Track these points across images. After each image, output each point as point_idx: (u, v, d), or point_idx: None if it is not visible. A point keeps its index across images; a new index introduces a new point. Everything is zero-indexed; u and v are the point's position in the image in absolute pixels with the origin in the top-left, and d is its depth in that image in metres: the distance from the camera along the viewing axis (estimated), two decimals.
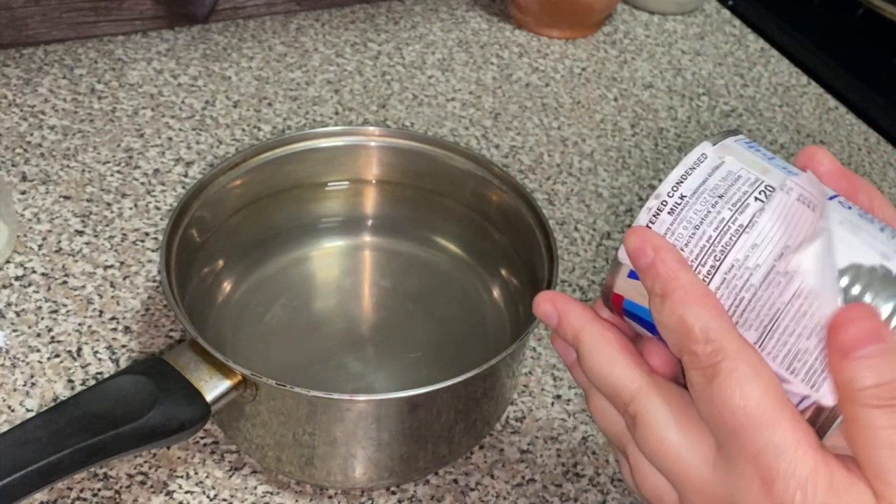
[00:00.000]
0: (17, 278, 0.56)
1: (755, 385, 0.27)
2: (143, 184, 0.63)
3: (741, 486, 0.27)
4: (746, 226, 0.29)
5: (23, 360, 0.51)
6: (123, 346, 0.53)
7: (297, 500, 0.47)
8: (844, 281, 0.27)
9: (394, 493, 0.48)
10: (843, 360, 0.26)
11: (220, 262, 0.54)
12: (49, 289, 0.55)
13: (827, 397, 0.27)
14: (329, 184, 0.57)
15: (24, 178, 0.62)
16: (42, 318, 0.54)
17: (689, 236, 0.29)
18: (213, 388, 0.42)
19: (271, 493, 0.47)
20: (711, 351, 0.28)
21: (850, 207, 0.30)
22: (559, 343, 0.35)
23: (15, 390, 0.50)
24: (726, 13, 0.94)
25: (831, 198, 0.30)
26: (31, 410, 0.49)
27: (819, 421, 0.28)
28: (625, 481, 0.33)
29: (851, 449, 0.27)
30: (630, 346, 0.32)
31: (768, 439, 0.26)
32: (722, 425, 0.28)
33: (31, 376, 0.50)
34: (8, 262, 0.57)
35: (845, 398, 0.26)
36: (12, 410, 0.49)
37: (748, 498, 0.27)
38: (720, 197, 0.30)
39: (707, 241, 0.29)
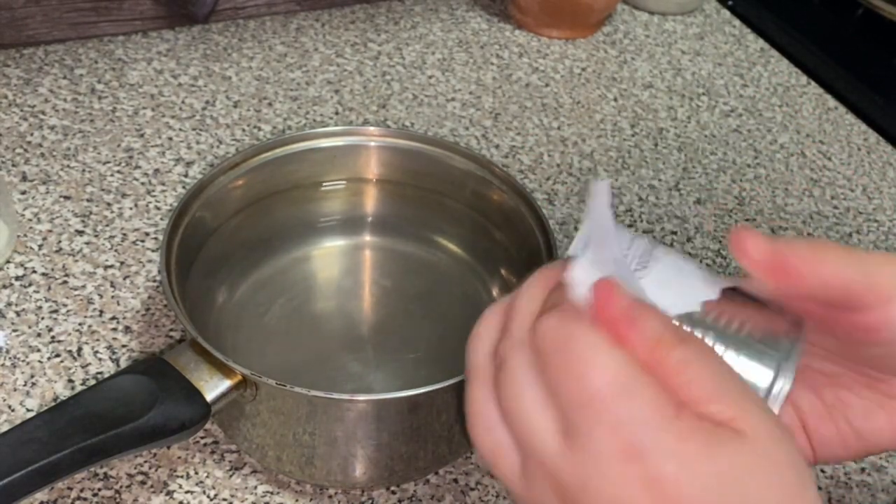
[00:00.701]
0: (17, 278, 0.56)
1: (611, 355, 0.27)
2: (143, 184, 0.63)
3: (597, 463, 0.26)
4: None
5: (23, 360, 0.51)
6: (124, 346, 0.53)
7: (297, 500, 0.47)
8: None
9: (394, 492, 0.48)
10: (630, 327, 0.27)
11: (221, 262, 0.54)
12: (49, 289, 0.55)
13: None
14: (329, 184, 0.57)
15: (24, 178, 0.62)
16: (42, 318, 0.54)
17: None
18: (214, 387, 0.42)
19: (271, 493, 0.47)
20: (569, 317, 0.28)
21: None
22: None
23: (15, 390, 0.50)
24: (726, 13, 0.94)
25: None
26: (32, 410, 0.49)
27: None
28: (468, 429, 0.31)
29: (677, 397, 0.27)
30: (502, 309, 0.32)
31: (627, 410, 0.26)
32: (570, 398, 0.27)
33: (32, 376, 0.51)
34: (8, 261, 0.57)
35: (645, 355, 0.27)
36: (13, 410, 0.49)
37: (608, 474, 0.26)
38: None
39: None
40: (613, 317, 0.27)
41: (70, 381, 0.51)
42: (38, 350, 0.52)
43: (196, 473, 0.47)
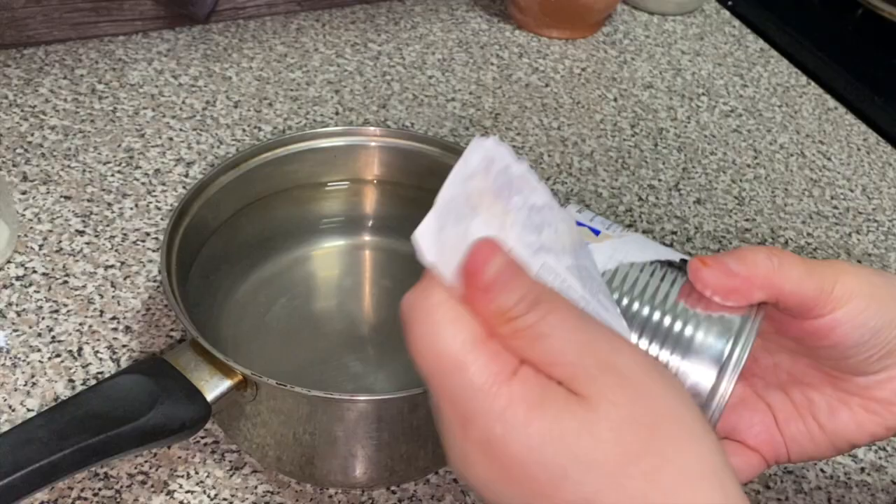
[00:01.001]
0: (17, 278, 0.56)
1: (452, 328, 0.27)
2: (143, 184, 0.63)
3: (446, 430, 0.28)
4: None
5: (24, 360, 0.51)
6: (124, 346, 0.53)
7: (297, 500, 0.47)
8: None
9: (394, 492, 0.48)
10: (485, 294, 0.27)
11: (221, 262, 0.54)
12: (50, 289, 0.55)
13: None
14: (329, 184, 0.57)
15: (24, 178, 0.63)
16: (43, 318, 0.54)
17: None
18: (214, 387, 0.42)
19: (272, 493, 0.47)
20: (423, 290, 0.28)
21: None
22: None
23: (16, 390, 0.50)
24: (726, 13, 0.94)
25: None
26: (32, 410, 0.49)
27: None
28: None
29: (529, 362, 0.27)
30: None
31: (460, 382, 0.27)
32: (424, 373, 0.28)
33: (32, 376, 0.51)
34: (9, 262, 0.57)
35: (499, 323, 0.27)
36: (13, 410, 0.49)
37: (454, 440, 0.28)
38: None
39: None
40: (473, 286, 0.27)
41: (70, 380, 0.51)
42: (39, 350, 0.52)
43: (196, 473, 0.47)
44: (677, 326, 0.33)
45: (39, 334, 0.53)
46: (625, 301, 0.34)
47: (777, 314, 0.36)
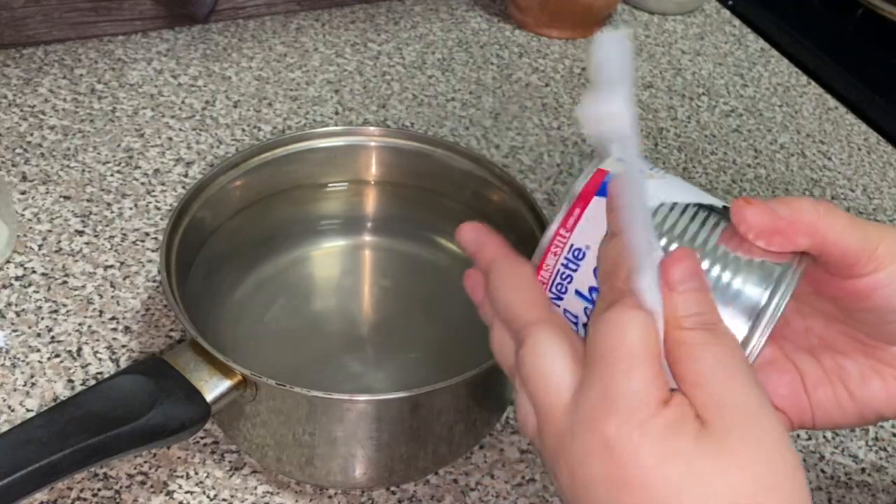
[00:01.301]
0: (17, 278, 0.56)
1: (635, 327, 0.29)
2: (143, 184, 0.63)
3: (583, 410, 0.29)
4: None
5: (23, 360, 0.51)
6: (123, 346, 0.53)
7: (297, 500, 0.47)
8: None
9: (394, 492, 0.48)
10: (670, 292, 0.30)
11: (221, 262, 0.54)
12: (49, 289, 0.55)
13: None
14: (329, 184, 0.57)
15: (24, 178, 0.62)
16: (42, 318, 0.54)
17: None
18: (213, 387, 0.42)
19: (271, 493, 0.47)
20: (621, 288, 0.30)
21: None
22: (470, 280, 0.36)
23: (15, 390, 0.50)
24: (726, 13, 0.94)
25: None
26: (32, 410, 0.49)
27: None
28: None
29: (673, 371, 0.29)
30: (538, 284, 0.34)
31: (622, 377, 0.28)
32: (594, 346, 0.30)
33: (32, 376, 0.51)
34: (8, 262, 0.57)
35: (671, 325, 0.30)
36: (12, 410, 0.49)
37: (587, 423, 0.29)
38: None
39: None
40: (672, 280, 0.30)
41: (70, 381, 0.51)
42: (38, 350, 0.52)
43: (196, 473, 0.47)
44: (715, 271, 0.32)
45: (39, 334, 0.53)
46: (663, 241, 0.33)
47: (816, 273, 0.35)
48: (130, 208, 0.61)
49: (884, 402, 0.37)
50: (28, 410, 0.49)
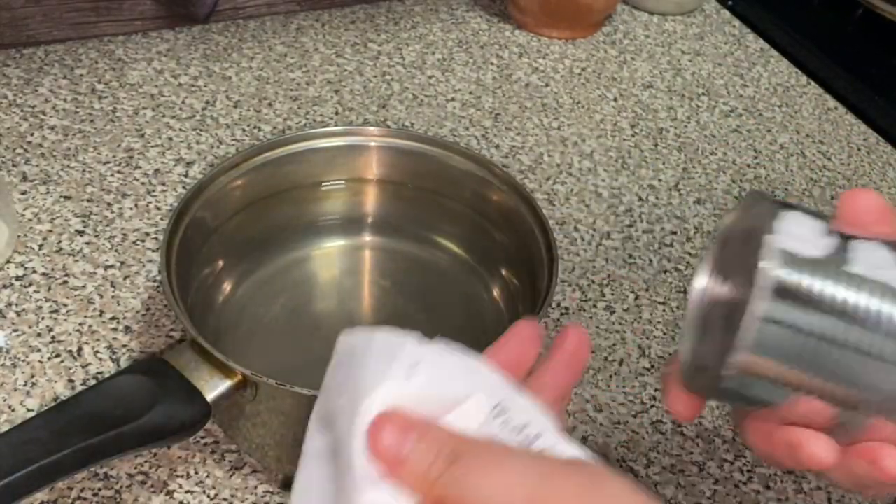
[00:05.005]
0: (17, 278, 0.56)
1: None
2: (143, 184, 0.63)
3: None
4: None
5: (23, 360, 0.51)
6: (124, 346, 0.53)
7: None
8: None
9: None
10: (400, 468, 0.26)
11: (221, 262, 0.54)
12: (49, 289, 0.55)
13: None
14: (329, 184, 0.57)
15: (24, 178, 0.62)
16: (42, 318, 0.54)
17: None
18: (214, 387, 0.42)
19: (271, 493, 0.47)
20: None
21: None
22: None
23: (15, 390, 0.50)
24: (726, 13, 0.94)
25: None
26: (32, 410, 0.49)
27: None
28: None
29: None
30: None
31: None
32: None
33: (32, 376, 0.51)
34: (8, 262, 0.57)
35: (423, 488, 0.26)
36: (13, 410, 0.49)
37: None
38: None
39: None
40: (383, 457, 0.26)
41: (70, 381, 0.51)
42: (39, 350, 0.52)
43: (196, 473, 0.47)
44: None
45: (39, 334, 0.53)
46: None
47: None
48: (131, 208, 0.61)
49: None
50: (28, 410, 0.49)
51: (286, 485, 0.47)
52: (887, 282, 0.28)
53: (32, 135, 0.66)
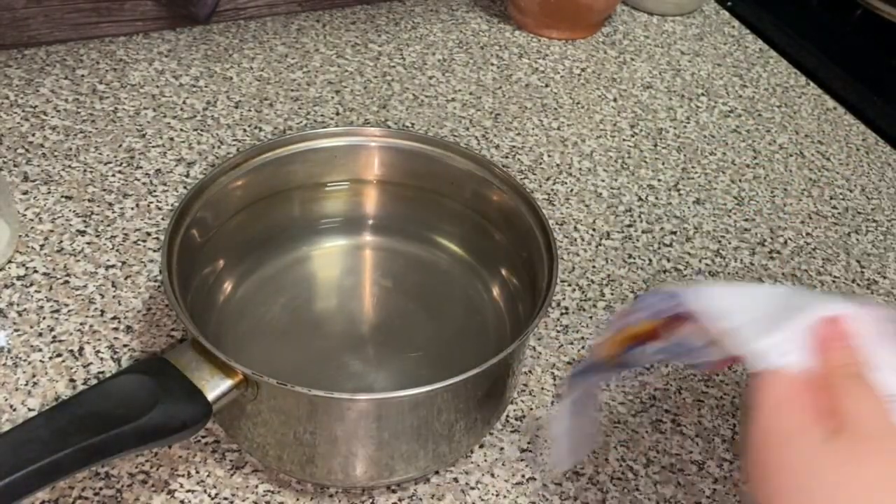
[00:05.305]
0: (18, 278, 0.56)
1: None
2: (144, 184, 0.64)
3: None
4: None
5: (25, 360, 0.51)
6: (125, 346, 0.53)
7: (298, 499, 0.47)
8: None
9: (394, 491, 0.48)
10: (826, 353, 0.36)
11: (222, 262, 0.54)
12: (51, 288, 0.56)
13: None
14: (330, 184, 0.58)
15: (25, 179, 0.63)
16: (44, 318, 0.54)
17: None
18: (215, 387, 0.42)
19: (272, 492, 0.47)
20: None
21: None
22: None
23: (17, 389, 0.50)
24: (725, 14, 0.94)
25: None
26: (33, 410, 0.49)
27: None
28: None
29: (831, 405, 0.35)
30: None
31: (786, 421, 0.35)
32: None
33: (33, 376, 0.51)
34: (10, 261, 0.57)
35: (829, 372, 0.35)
36: (14, 410, 0.49)
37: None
38: None
39: None
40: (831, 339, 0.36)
41: (71, 380, 0.51)
42: (40, 350, 0.52)
43: (197, 472, 0.47)
44: None
45: (40, 334, 0.53)
46: None
47: None
48: (132, 208, 0.62)
49: None
50: (30, 410, 0.49)
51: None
52: None
53: (34, 135, 0.66)
